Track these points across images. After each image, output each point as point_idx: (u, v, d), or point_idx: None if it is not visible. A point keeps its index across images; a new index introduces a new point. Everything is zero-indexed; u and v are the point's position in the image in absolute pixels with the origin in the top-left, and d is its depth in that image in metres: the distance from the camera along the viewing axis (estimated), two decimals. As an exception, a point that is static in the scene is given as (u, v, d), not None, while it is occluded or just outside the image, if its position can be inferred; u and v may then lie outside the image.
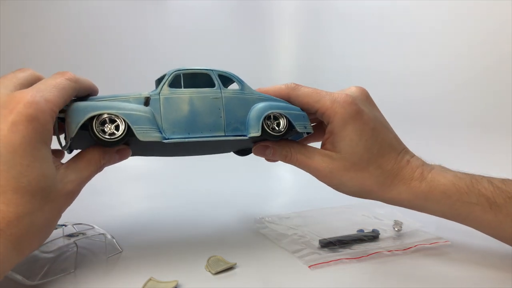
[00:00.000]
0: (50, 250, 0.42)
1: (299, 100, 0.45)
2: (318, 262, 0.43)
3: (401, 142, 0.48)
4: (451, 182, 0.43)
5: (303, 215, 0.60)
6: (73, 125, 0.37)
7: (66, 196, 0.36)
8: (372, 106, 0.48)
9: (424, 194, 0.43)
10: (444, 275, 0.41)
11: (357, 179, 0.44)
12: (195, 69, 0.43)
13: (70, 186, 0.36)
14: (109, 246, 0.45)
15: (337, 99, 0.44)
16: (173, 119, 0.40)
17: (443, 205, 0.43)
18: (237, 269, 0.42)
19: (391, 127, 0.48)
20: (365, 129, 0.44)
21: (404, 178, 0.44)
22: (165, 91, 0.40)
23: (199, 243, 0.49)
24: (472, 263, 0.44)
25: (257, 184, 0.89)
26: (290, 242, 0.49)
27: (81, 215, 0.52)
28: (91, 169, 0.38)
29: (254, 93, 0.44)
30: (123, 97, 0.40)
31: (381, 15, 1.04)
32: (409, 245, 0.48)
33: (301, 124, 0.44)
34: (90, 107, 0.37)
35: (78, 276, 0.39)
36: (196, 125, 0.41)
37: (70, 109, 0.37)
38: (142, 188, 0.86)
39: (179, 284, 0.37)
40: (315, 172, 0.46)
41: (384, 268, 0.43)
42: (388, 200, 0.46)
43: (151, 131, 0.39)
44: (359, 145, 0.43)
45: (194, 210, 0.67)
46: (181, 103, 0.40)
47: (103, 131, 0.38)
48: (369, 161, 0.44)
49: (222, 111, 0.42)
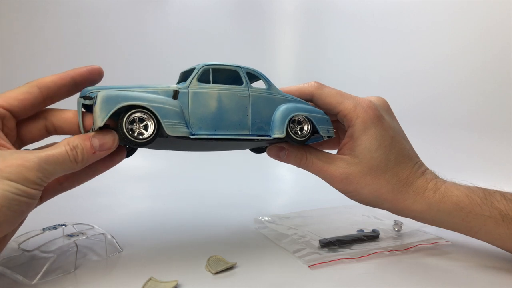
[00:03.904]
0: (50, 250, 0.42)
1: (322, 100, 0.45)
2: (318, 262, 0.43)
3: (416, 155, 0.47)
4: (464, 193, 0.43)
5: (303, 215, 0.60)
6: (102, 114, 0.35)
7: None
8: (391, 116, 0.48)
9: (437, 205, 0.43)
10: (444, 275, 0.41)
11: (373, 186, 0.44)
12: (225, 65, 0.42)
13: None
14: (109, 246, 0.45)
15: (360, 103, 0.44)
16: (200, 115, 0.40)
17: (455, 217, 0.43)
18: (237, 269, 0.42)
19: (407, 138, 0.48)
20: (385, 135, 0.44)
21: (418, 188, 0.44)
22: (194, 85, 0.40)
23: (199, 243, 0.49)
24: (472, 263, 0.44)
25: (257, 184, 0.89)
26: (290, 242, 0.49)
27: (81, 215, 0.52)
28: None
29: (280, 94, 0.44)
30: (152, 88, 0.39)
31: (381, 15, 1.04)
32: (409, 245, 0.48)
33: (325, 128, 0.44)
34: (121, 96, 0.36)
35: (78, 276, 0.39)
36: (222, 122, 0.40)
37: (99, 97, 0.36)
38: (142, 188, 0.86)
39: (179, 284, 0.37)
40: (330, 178, 0.45)
41: (384, 268, 0.43)
42: (401, 210, 0.45)
43: (180, 126, 0.38)
44: (378, 151, 0.43)
45: (194, 210, 0.67)
46: (209, 99, 0.40)
47: (132, 130, 0.37)
48: (386, 167, 0.44)
49: (249, 109, 0.41)
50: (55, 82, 0.40)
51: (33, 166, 0.34)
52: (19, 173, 0.33)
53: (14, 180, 0.33)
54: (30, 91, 0.38)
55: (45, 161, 0.35)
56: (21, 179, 0.33)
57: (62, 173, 0.37)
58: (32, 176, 0.34)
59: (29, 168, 0.34)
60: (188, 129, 0.39)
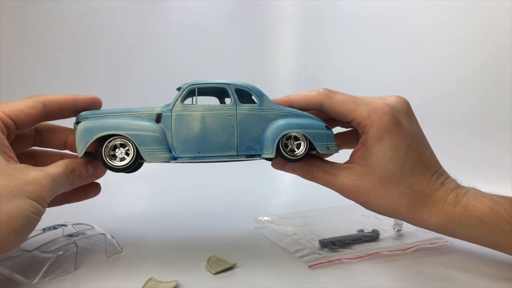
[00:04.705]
0: (50, 250, 0.42)
1: (333, 109, 0.42)
2: (318, 262, 0.43)
3: (437, 162, 0.44)
4: (489, 207, 0.40)
5: (303, 215, 0.60)
6: (80, 146, 0.38)
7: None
8: (412, 119, 0.44)
9: (457, 220, 0.40)
10: (444, 275, 0.41)
11: (385, 198, 0.41)
12: (212, 83, 0.41)
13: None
14: (109, 246, 0.45)
15: (375, 109, 0.41)
16: (183, 138, 0.39)
17: (478, 232, 0.40)
18: (237, 269, 0.42)
19: (428, 144, 0.45)
20: (401, 144, 0.41)
21: (436, 201, 0.41)
22: (177, 107, 0.40)
23: (199, 243, 0.49)
24: (472, 263, 0.44)
25: (257, 184, 0.89)
26: (290, 242, 0.49)
27: (81, 215, 0.52)
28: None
29: (274, 109, 0.41)
30: (135, 113, 0.40)
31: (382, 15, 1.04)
32: (409, 245, 0.48)
33: (323, 144, 0.42)
34: (97, 127, 0.38)
35: (78, 276, 0.39)
36: (206, 144, 0.40)
37: (78, 129, 0.38)
38: (142, 188, 0.86)
39: (179, 284, 0.37)
40: (341, 190, 0.43)
41: (384, 268, 0.43)
42: (417, 224, 0.43)
43: (159, 151, 0.39)
44: (392, 162, 0.41)
45: (194, 210, 0.67)
46: (192, 121, 0.40)
47: (114, 155, 0.39)
48: (400, 179, 0.41)
49: (236, 129, 0.40)
50: (59, 102, 0.40)
51: (48, 185, 0.35)
52: (37, 192, 0.34)
53: (33, 199, 0.34)
54: (35, 106, 0.39)
55: (55, 180, 0.36)
56: (39, 198, 0.34)
57: (60, 192, 0.38)
58: (47, 196, 0.35)
59: (45, 187, 0.35)
60: (171, 153, 0.39)
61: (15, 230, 0.32)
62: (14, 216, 0.32)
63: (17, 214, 0.32)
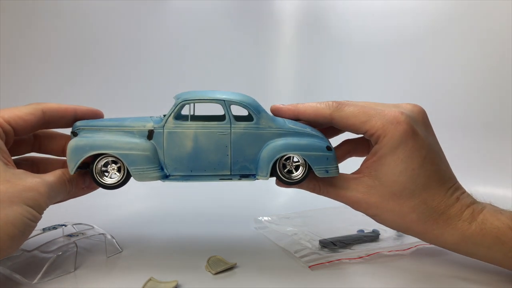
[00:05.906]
0: (50, 250, 0.42)
1: (344, 123, 0.40)
2: (318, 262, 0.43)
3: (453, 175, 0.42)
4: (507, 225, 0.37)
5: (303, 215, 0.60)
6: (71, 164, 0.38)
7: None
8: (428, 129, 0.42)
9: (473, 238, 0.38)
10: (444, 275, 0.41)
11: (396, 213, 0.39)
12: (206, 99, 0.40)
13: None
14: (109, 246, 0.45)
15: (389, 119, 0.38)
16: (176, 155, 0.39)
17: (496, 252, 0.38)
18: (237, 269, 0.42)
19: (444, 156, 0.42)
20: (415, 156, 0.38)
21: (450, 218, 0.38)
22: (169, 124, 0.39)
23: (199, 243, 0.49)
24: (472, 263, 0.44)
25: (257, 184, 0.89)
26: (290, 242, 0.49)
27: (81, 215, 0.52)
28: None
29: (272, 127, 0.39)
30: (127, 128, 0.39)
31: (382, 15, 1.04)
32: (409, 245, 0.48)
33: (322, 168, 0.39)
34: (88, 146, 0.38)
35: (78, 276, 0.39)
36: (199, 162, 0.39)
37: (68, 148, 0.38)
38: (142, 188, 0.86)
39: (179, 284, 0.37)
40: (349, 203, 0.41)
41: (384, 268, 0.43)
42: (430, 241, 0.41)
43: (149, 171, 0.38)
44: (405, 175, 0.38)
45: (194, 210, 0.67)
46: (184, 139, 0.39)
47: (106, 171, 0.39)
48: (412, 194, 0.38)
49: (229, 148, 0.39)
50: (59, 111, 0.40)
51: (45, 193, 0.35)
52: (35, 199, 0.34)
53: (31, 205, 0.34)
54: (35, 113, 0.39)
55: (52, 188, 0.36)
56: (36, 205, 0.34)
57: (56, 201, 0.38)
58: (44, 203, 0.35)
59: (43, 194, 0.35)
60: (162, 171, 0.39)
61: (11, 236, 0.32)
62: (12, 223, 0.32)
63: (15, 220, 0.32)
